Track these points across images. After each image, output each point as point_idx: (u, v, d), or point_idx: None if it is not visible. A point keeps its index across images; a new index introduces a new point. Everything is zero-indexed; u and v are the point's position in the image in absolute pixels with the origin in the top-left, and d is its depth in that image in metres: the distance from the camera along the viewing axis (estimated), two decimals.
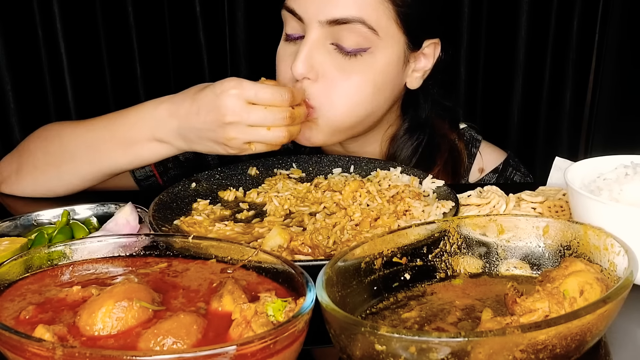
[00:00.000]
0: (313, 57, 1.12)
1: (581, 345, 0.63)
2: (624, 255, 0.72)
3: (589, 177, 0.94)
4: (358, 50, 1.13)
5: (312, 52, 1.12)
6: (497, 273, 0.84)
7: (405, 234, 0.82)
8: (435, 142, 1.31)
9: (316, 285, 0.69)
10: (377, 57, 1.15)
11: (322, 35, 1.12)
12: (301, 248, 0.92)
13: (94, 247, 0.79)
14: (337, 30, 1.11)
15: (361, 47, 1.13)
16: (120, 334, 0.64)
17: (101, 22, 1.81)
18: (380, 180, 1.14)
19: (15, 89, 1.78)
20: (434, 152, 1.31)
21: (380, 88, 1.18)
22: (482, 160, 1.36)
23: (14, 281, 0.73)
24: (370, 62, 1.14)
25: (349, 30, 1.11)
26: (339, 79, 1.13)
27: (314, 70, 1.13)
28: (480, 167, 1.36)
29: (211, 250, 0.80)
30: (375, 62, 1.15)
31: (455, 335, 0.59)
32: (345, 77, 1.14)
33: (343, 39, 1.12)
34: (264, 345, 0.59)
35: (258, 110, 1.02)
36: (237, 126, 1.02)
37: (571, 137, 1.96)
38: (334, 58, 1.13)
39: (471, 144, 1.36)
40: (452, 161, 1.32)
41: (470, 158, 1.35)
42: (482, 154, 1.37)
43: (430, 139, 1.31)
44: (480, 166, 1.36)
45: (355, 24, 1.10)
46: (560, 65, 1.89)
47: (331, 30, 1.11)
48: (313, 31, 1.12)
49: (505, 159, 1.37)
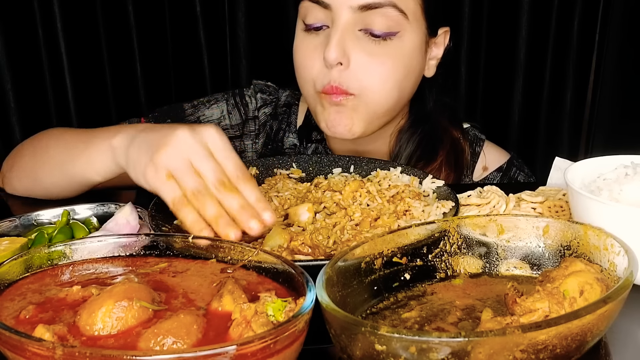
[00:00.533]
0: (344, 43, 1.14)
1: (581, 345, 0.63)
2: (624, 255, 0.72)
3: (589, 177, 0.94)
4: (388, 34, 1.14)
5: (343, 38, 1.13)
6: (497, 273, 0.84)
7: (405, 234, 0.82)
8: (438, 135, 1.33)
9: (316, 285, 0.69)
10: (405, 41, 1.17)
11: (351, 21, 1.14)
12: (301, 248, 0.92)
13: (94, 247, 0.79)
14: (367, 15, 1.13)
15: (391, 30, 1.14)
16: (120, 333, 0.64)
17: (101, 22, 1.81)
18: (380, 180, 1.13)
19: (15, 89, 1.79)
20: (437, 145, 1.31)
21: (409, 73, 1.20)
22: (486, 159, 1.37)
23: (14, 281, 0.73)
24: (399, 45, 1.16)
25: (380, 14, 1.13)
26: (372, 63, 1.15)
27: (346, 56, 1.14)
28: (484, 166, 1.36)
29: (211, 250, 0.79)
30: (404, 46, 1.17)
31: (456, 335, 0.59)
32: (378, 62, 1.15)
33: (373, 23, 1.13)
34: (264, 345, 0.59)
35: (196, 173, 0.86)
36: (171, 157, 0.87)
37: (571, 137, 1.96)
38: (364, 43, 1.15)
39: (475, 143, 1.37)
40: (454, 154, 1.33)
41: (474, 157, 1.36)
42: (485, 154, 1.37)
43: (433, 132, 1.32)
44: (484, 165, 1.36)
45: (386, 7, 1.12)
46: (561, 65, 1.89)
47: (361, 15, 1.13)
48: (343, 17, 1.13)
49: (509, 159, 1.38)
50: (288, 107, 1.42)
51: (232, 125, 1.40)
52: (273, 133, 1.41)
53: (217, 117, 1.39)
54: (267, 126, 1.41)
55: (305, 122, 1.40)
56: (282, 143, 1.41)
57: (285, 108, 1.42)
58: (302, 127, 1.40)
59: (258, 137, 1.42)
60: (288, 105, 1.42)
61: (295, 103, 1.43)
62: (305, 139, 1.38)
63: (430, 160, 1.28)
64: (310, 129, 1.38)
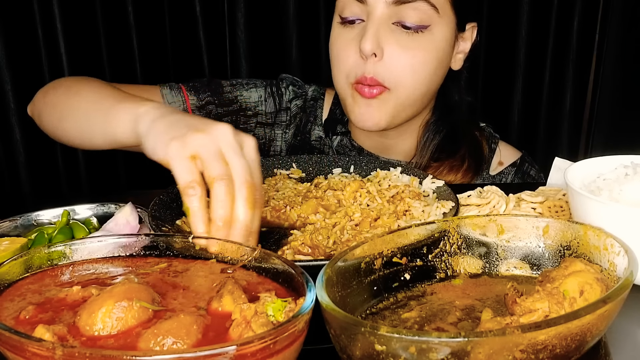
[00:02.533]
0: (379, 35, 1.20)
1: (581, 345, 0.63)
2: (624, 256, 0.72)
3: (589, 177, 0.94)
4: (420, 27, 1.20)
5: (378, 31, 1.19)
6: (497, 273, 0.84)
7: (405, 234, 0.82)
8: (460, 129, 1.38)
9: (316, 285, 0.69)
10: (436, 35, 1.23)
11: (386, 15, 1.20)
12: (301, 248, 0.92)
13: (94, 247, 0.79)
14: (400, 9, 1.19)
15: (423, 24, 1.20)
16: (120, 334, 0.64)
17: (101, 22, 1.81)
18: (380, 180, 1.14)
19: (15, 89, 1.79)
20: (459, 138, 1.37)
21: (439, 65, 1.26)
22: (500, 156, 1.42)
23: (14, 281, 0.73)
24: (430, 39, 1.22)
25: (413, 8, 1.19)
26: (405, 55, 1.21)
27: (380, 47, 1.20)
28: (500, 161, 1.42)
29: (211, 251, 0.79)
30: (435, 39, 1.23)
31: (455, 335, 0.59)
32: (411, 54, 1.21)
33: (406, 17, 1.19)
34: (264, 345, 0.59)
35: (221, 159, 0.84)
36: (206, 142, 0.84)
37: (571, 137, 1.96)
38: (397, 36, 1.21)
39: (490, 140, 1.43)
40: (475, 147, 1.38)
41: (490, 152, 1.41)
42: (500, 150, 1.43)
43: (456, 125, 1.38)
44: (500, 160, 1.42)
45: (418, 2, 1.19)
46: (561, 65, 1.89)
47: (395, 9, 1.19)
48: (378, 11, 1.20)
49: (522, 156, 1.44)
50: (315, 101, 1.47)
51: (267, 113, 1.44)
52: (302, 125, 1.45)
53: (254, 101, 1.43)
54: (297, 118, 1.46)
55: (331, 115, 1.44)
56: (310, 135, 1.45)
57: (312, 102, 1.47)
58: (327, 120, 1.44)
59: (289, 128, 1.46)
60: (315, 99, 1.47)
61: (321, 97, 1.47)
62: (330, 132, 1.43)
63: (454, 152, 1.34)
64: (336, 122, 1.43)
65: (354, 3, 1.22)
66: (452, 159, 1.34)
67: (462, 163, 1.34)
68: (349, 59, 1.24)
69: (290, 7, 1.84)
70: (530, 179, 1.41)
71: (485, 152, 1.40)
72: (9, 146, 1.84)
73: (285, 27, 1.86)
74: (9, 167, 1.86)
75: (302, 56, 1.89)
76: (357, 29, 1.23)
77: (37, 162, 1.86)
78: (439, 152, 1.35)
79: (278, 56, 1.88)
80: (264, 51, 1.88)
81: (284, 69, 1.83)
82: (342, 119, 1.42)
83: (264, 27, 1.87)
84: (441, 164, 1.34)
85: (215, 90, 1.40)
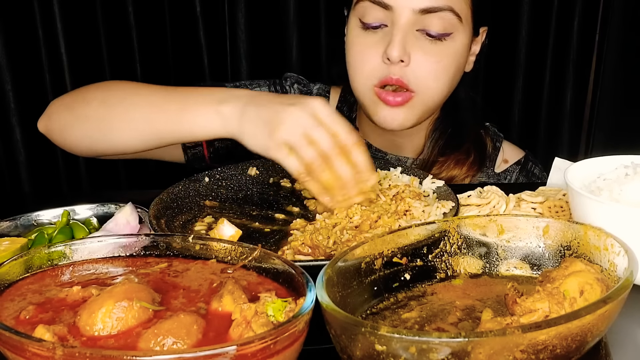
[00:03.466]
0: (405, 42, 1.20)
1: (581, 345, 0.63)
2: (624, 256, 0.72)
3: (589, 177, 0.94)
4: (443, 35, 1.22)
5: (404, 38, 1.20)
6: (497, 273, 0.84)
7: (406, 234, 0.82)
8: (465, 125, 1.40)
9: (316, 285, 0.69)
10: (457, 42, 1.25)
11: (411, 22, 1.20)
12: (301, 248, 0.92)
13: (94, 247, 0.79)
14: (425, 17, 1.20)
15: (446, 32, 1.22)
16: (120, 334, 0.64)
17: (101, 22, 1.81)
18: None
19: (15, 89, 1.78)
20: (464, 133, 1.39)
21: (458, 70, 1.28)
22: (505, 154, 1.44)
23: (14, 281, 0.73)
24: (452, 46, 1.24)
25: (438, 17, 1.20)
26: (430, 61, 1.22)
27: (407, 54, 1.21)
28: (505, 159, 1.43)
29: (211, 251, 0.79)
30: (456, 46, 1.25)
31: (456, 335, 0.59)
32: (435, 60, 1.23)
33: (431, 25, 1.21)
34: (264, 346, 0.59)
35: (326, 132, 0.99)
36: (288, 133, 0.98)
37: (571, 137, 1.96)
38: (422, 43, 1.22)
39: (495, 139, 1.44)
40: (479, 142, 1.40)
41: (495, 150, 1.43)
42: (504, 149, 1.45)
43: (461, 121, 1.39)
44: (504, 158, 1.44)
45: (444, 11, 1.20)
46: (561, 65, 1.89)
47: (420, 17, 1.20)
48: (404, 18, 1.20)
49: (525, 155, 1.46)
50: None
51: None
52: None
53: None
54: None
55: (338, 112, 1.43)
56: None
57: None
58: None
59: None
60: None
61: (327, 95, 1.48)
62: None
63: (458, 147, 1.35)
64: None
65: (378, 9, 1.22)
66: (458, 153, 1.36)
67: (468, 157, 1.36)
68: (370, 62, 1.24)
69: (291, 7, 1.84)
70: (535, 178, 1.42)
71: (489, 149, 1.41)
72: (9, 146, 1.84)
73: (285, 27, 1.86)
74: (9, 167, 1.86)
75: (302, 56, 1.88)
76: (380, 34, 1.23)
77: (37, 162, 1.86)
78: (445, 147, 1.36)
79: (279, 56, 1.88)
80: (264, 51, 1.88)
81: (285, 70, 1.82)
82: (349, 116, 1.42)
83: (265, 27, 1.86)
84: (447, 158, 1.35)
85: None
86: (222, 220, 0.93)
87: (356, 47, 1.27)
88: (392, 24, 1.21)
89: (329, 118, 0.99)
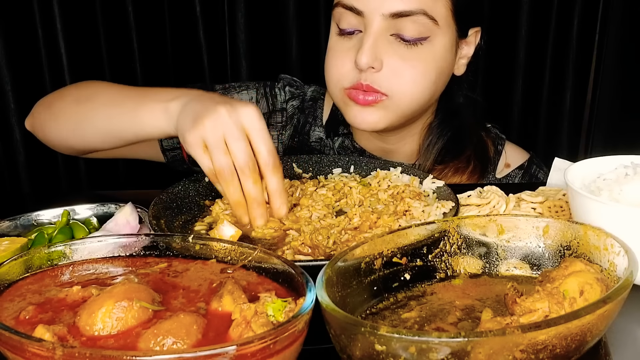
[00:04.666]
0: (377, 48, 1.17)
1: (581, 345, 0.63)
2: (624, 256, 0.72)
3: (589, 177, 0.94)
4: (418, 40, 1.18)
5: (375, 43, 1.17)
6: (497, 273, 0.84)
7: (405, 234, 0.82)
8: (466, 130, 1.36)
9: (316, 285, 0.69)
10: (436, 45, 1.20)
11: (383, 27, 1.17)
12: (301, 248, 0.92)
13: (94, 247, 0.79)
14: (398, 21, 1.16)
15: (422, 36, 1.18)
16: (120, 334, 0.64)
17: (101, 22, 1.81)
18: (380, 180, 1.13)
19: (15, 89, 1.79)
20: (465, 139, 1.35)
21: (440, 74, 1.24)
22: (507, 157, 1.40)
23: (14, 281, 0.73)
24: (430, 50, 1.20)
25: (411, 21, 1.16)
26: (404, 67, 1.19)
27: (378, 60, 1.17)
28: (507, 163, 1.40)
29: (211, 251, 0.79)
30: (434, 50, 1.21)
31: (455, 335, 0.59)
32: (410, 65, 1.19)
33: (404, 30, 1.17)
34: (264, 346, 0.59)
35: (245, 144, 0.96)
36: (207, 130, 0.96)
37: (571, 137, 1.96)
38: (396, 48, 1.18)
39: (497, 142, 1.41)
40: (481, 148, 1.37)
41: (496, 154, 1.39)
42: (507, 152, 1.41)
43: (462, 126, 1.36)
44: (506, 162, 1.40)
45: (417, 15, 1.16)
46: (561, 65, 1.89)
47: (393, 22, 1.17)
48: (375, 24, 1.17)
49: (529, 158, 1.42)
50: (314, 102, 1.45)
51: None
52: (300, 126, 1.43)
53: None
54: (295, 119, 1.44)
55: (332, 116, 1.43)
56: (309, 136, 1.43)
57: (311, 102, 1.45)
58: (329, 121, 1.43)
59: (285, 129, 1.44)
60: (314, 100, 1.45)
61: (321, 98, 1.46)
62: (332, 133, 1.41)
63: (459, 153, 1.32)
64: (337, 123, 1.41)
65: (351, 14, 1.19)
66: (457, 161, 1.32)
67: (467, 165, 1.32)
68: (343, 67, 1.21)
69: (290, 7, 1.84)
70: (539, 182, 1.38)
71: (491, 154, 1.38)
72: (9, 146, 1.84)
73: (285, 27, 1.86)
74: (9, 167, 1.86)
75: (302, 56, 1.89)
76: (355, 40, 1.21)
77: (37, 162, 1.86)
78: (444, 154, 1.33)
79: (278, 56, 1.88)
80: (264, 51, 1.88)
81: (284, 69, 1.83)
82: (343, 120, 1.40)
83: (264, 27, 1.87)
84: (445, 167, 1.32)
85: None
86: (222, 220, 0.93)
87: (332, 52, 1.25)
88: (365, 30, 1.18)
89: (255, 131, 0.96)
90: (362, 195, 1.08)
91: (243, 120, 0.96)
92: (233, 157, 0.95)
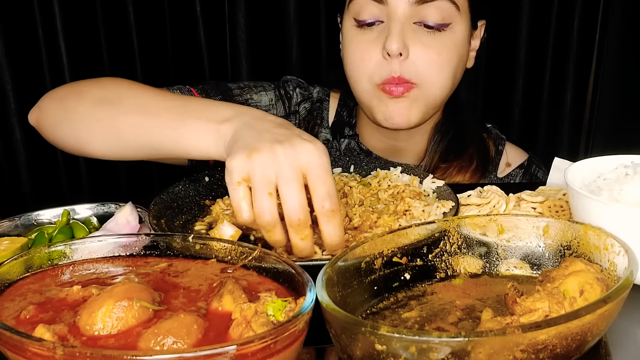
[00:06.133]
0: (403, 35, 1.18)
1: (581, 345, 0.63)
2: (624, 255, 0.72)
3: (589, 177, 0.94)
4: (441, 26, 1.20)
5: (402, 30, 1.18)
6: (497, 273, 0.84)
7: (405, 234, 0.82)
8: (467, 129, 1.37)
9: (316, 285, 0.69)
10: (457, 32, 1.22)
11: (408, 14, 1.19)
12: None
13: (94, 247, 0.79)
14: (422, 8, 1.18)
15: (445, 22, 1.20)
16: (120, 333, 0.64)
17: (101, 21, 1.81)
18: (380, 180, 1.13)
19: (15, 89, 1.79)
20: (467, 139, 1.36)
21: (460, 62, 1.26)
22: (508, 157, 1.41)
23: (14, 281, 0.73)
24: (451, 37, 1.22)
25: (434, 7, 1.18)
26: (430, 53, 1.20)
27: (406, 47, 1.18)
28: (508, 162, 1.41)
29: (211, 250, 0.80)
30: (456, 37, 1.22)
31: (456, 335, 0.59)
32: (435, 52, 1.20)
33: (428, 16, 1.19)
34: (264, 345, 0.59)
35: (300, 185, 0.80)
36: (255, 166, 0.81)
37: (571, 137, 1.96)
38: (420, 36, 1.20)
39: (497, 142, 1.42)
40: (482, 147, 1.37)
41: (497, 154, 1.40)
42: (507, 152, 1.42)
43: (464, 125, 1.37)
44: (507, 161, 1.41)
45: (441, 0, 1.18)
46: (561, 65, 1.89)
47: (417, 9, 1.18)
48: (400, 10, 1.18)
49: (529, 158, 1.43)
50: (320, 103, 1.44)
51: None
52: (309, 128, 1.42)
53: (265, 105, 1.39)
54: (306, 121, 1.43)
55: (337, 117, 1.42)
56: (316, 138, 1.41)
57: (318, 104, 1.44)
58: (335, 123, 1.42)
59: None
60: (320, 101, 1.44)
61: (326, 99, 1.45)
62: (338, 134, 1.41)
63: (461, 153, 1.33)
64: (343, 125, 1.41)
65: (373, 4, 1.19)
66: (460, 160, 1.33)
67: (470, 163, 1.33)
68: (370, 61, 1.21)
69: (291, 7, 1.84)
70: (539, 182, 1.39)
71: (492, 154, 1.38)
72: (9, 146, 1.84)
73: (286, 27, 1.86)
74: (9, 167, 1.86)
75: (302, 57, 1.89)
76: (377, 31, 1.21)
77: (37, 162, 1.86)
78: (447, 153, 1.33)
79: (278, 57, 1.88)
80: (264, 52, 1.88)
81: (285, 70, 1.83)
82: (349, 121, 1.40)
83: (265, 27, 1.87)
84: (449, 165, 1.32)
85: (225, 92, 1.35)
86: (222, 220, 0.93)
87: (353, 46, 1.24)
88: (389, 18, 1.19)
89: (314, 168, 0.81)
90: (362, 195, 1.08)
91: (302, 160, 0.81)
92: (282, 202, 0.80)
